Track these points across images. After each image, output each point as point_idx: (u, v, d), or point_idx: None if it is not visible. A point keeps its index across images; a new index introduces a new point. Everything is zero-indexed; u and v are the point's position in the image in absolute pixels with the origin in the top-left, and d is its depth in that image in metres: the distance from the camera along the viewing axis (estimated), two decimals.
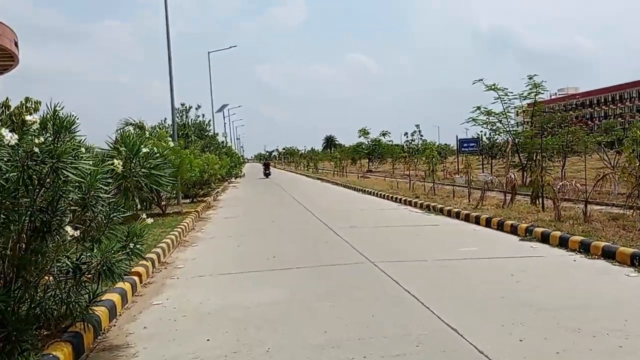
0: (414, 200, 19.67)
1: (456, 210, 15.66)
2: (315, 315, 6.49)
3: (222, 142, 42.15)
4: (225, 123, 73.70)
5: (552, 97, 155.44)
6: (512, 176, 15.44)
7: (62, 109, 4.92)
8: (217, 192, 28.96)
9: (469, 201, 18.06)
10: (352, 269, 8.94)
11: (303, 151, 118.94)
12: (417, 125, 41.05)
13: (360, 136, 57.94)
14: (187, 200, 23.20)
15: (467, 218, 14.63)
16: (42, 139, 4.52)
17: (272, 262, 9.90)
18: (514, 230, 11.97)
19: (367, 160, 59.97)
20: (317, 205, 20.78)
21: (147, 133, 19.31)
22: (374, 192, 25.06)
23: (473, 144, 31.06)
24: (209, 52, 46.71)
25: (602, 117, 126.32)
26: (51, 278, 5.50)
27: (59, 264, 5.39)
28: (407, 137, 42.23)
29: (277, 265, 9.57)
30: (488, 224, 13.30)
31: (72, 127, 4.89)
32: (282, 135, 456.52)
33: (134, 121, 21.24)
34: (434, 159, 22.12)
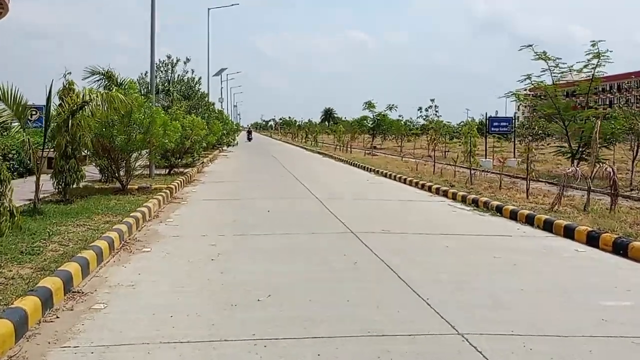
0: (450, 190, 15.15)
1: (526, 212, 11.15)
2: None
3: (213, 103, 37.06)
4: (222, 88, 68.74)
5: (555, 82, 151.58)
6: (611, 170, 10.86)
7: None
8: (203, 162, 24.36)
9: (527, 197, 13.63)
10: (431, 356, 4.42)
11: (300, 122, 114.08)
12: (433, 100, 36.23)
13: (364, 108, 53.03)
14: (163, 171, 18.65)
15: (549, 227, 10.13)
16: None
17: (267, 308, 5.45)
18: None
19: (371, 136, 55.19)
20: (326, 189, 16.27)
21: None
22: (392, 175, 20.50)
23: (505, 124, 26.45)
24: (208, 9, 41.92)
25: (608, 105, 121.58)
26: None
27: None
28: (421, 112, 37.40)
29: (276, 319, 5.11)
30: (593, 241, 8.81)
31: None
32: (279, 105, 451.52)
33: (102, 70, 16.62)
34: (472, 139, 17.53)
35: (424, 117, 37.49)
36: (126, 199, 12.10)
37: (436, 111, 35.85)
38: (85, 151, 11.78)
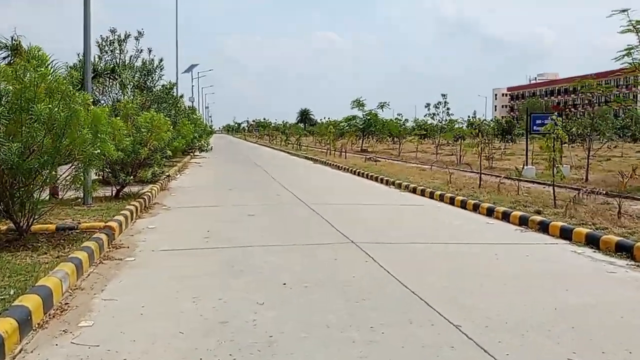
0: (555, 223, 9.72)
1: None
2: None
3: (182, 95, 30.44)
4: (193, 86, 62.70)
5: (532, 81, 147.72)
6: None
7: None
8: (169, 176, 18.51)
9: None
10: None
11: (275, 124, 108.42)
12: (444, 95, 30.72)
13: (353, 107, 47.48)
14: (108, 192, 12.87)
15: None
16: None
17: None
18: None
19: (361, 138, 49.59)
20: (353, 220, 10.87)
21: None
22: (426, 192, 14.99)
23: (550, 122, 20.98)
24: None
25: (586, 104, 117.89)
26: None
27: None
28: (428, 109, 31.80)
29: None
30: None
31: None
32: (250, 108, 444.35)
33: (4, 41, 10.97)
34: (558, 141, 12.09)
35: (432, 115, 31.86)
36: (14, 264, 6.41)
37: (447, 108, 30.37)
38: None
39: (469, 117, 56.40)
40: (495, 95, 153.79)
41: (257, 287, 6.13)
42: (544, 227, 9.83)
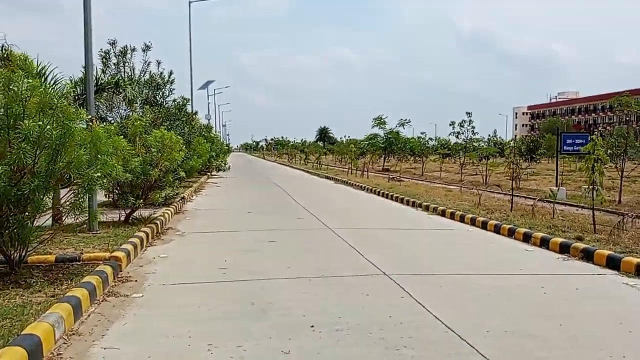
0: (595, 248, 8.95)
1: None
2: None
3: (196, 112, 29.16)
4: (209, 103, 62.31)
5: (552, 100, 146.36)
6: None
7: None
8: (184, 197, 17.73)
9: None
10: None
11: (293, 142, 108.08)
12: (469, 114, 29.70)
13: (374, 126, 46.59)
14: (115, 216, 12.16)
15: None
16: None
17: None
18: None
19: (382, 157, 48.69)
20: (391, 251, 10.00)
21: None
22: (455, 215, 14.07)
23: (582, 142, 19.92)
24: (189, 2, 35.38)
25: (607, 124, 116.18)
26: None
27: None
28: (453, 128, 30.82)
29: None
30: None
31: None
32: (268, 125, 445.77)
33: None
34: (599, 162, 11.14)
35: (457, 134, 30.81)
36: (0, 305, 5.64)
37: (472, 127, 29.39)
38: None
39: (489, 135, 55.45)
40: (516, 113, 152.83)
41: (282, 332, 5.31)
42: (588, 255, 8.93)
